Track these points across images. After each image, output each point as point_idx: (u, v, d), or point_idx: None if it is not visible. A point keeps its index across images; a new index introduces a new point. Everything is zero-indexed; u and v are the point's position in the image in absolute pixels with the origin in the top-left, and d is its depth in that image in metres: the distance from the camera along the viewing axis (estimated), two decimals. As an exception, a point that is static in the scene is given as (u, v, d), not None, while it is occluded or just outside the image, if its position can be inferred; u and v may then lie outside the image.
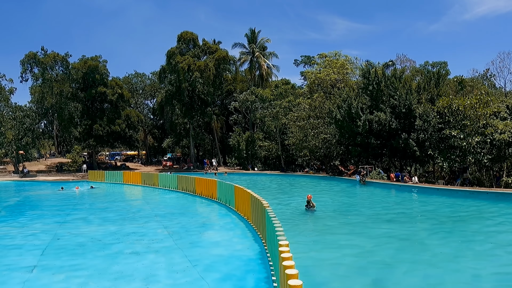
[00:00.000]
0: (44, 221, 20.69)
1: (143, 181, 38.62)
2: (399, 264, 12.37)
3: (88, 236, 16.46)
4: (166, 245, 14.42)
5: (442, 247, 14.20)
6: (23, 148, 56.10)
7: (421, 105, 38.66)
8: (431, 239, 15.60)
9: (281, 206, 24.35)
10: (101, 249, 14.22)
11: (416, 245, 14.76)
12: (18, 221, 21.31)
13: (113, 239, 15.73)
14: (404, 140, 37.79)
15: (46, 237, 16.74)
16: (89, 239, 15.97)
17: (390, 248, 14.22)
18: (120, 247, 14.46)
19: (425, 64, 74.17)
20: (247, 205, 17.14)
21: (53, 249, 14.70)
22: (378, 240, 15.22)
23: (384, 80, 41.93)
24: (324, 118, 47.63)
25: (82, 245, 15.08)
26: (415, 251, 13.78)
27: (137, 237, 15.88)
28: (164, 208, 24.73)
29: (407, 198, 29.15)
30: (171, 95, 63.36)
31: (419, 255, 13.27)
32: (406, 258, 12.90)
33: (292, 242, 8.91)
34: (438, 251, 13.71)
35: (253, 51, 72.43)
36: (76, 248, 14.59)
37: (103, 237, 16.14)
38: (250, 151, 62.14)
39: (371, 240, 15.16)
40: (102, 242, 15.40)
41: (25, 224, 20.22)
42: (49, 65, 56.57)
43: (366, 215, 20.72)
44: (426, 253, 13.40)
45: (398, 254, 13.44)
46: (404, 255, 13.27)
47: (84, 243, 15.37)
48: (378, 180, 37.09)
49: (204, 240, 15.21)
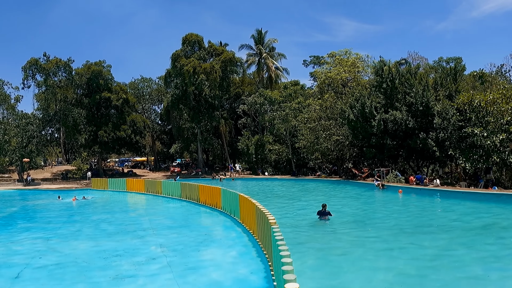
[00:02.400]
0: (31, 235, 18.83)
1: (146, 189, 36.67)
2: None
3: (73, 255, 14.52)
4: (157, 268, 12.35)
5: (489, 268, 11.86)
6: (28, 156, 54.77)
7: (439, 102, 36.35)
8: (471, 256, 13.26)
9: (291, 216, 22.30)
10: (83, 272, 12.24)
11: (456, 269, 12.24)
12: (4, 234, 19.43)
13: (100, 259, 13.73)
14: (423, 140, 35.47)
15: (28, 254, 14.94)
16: (73, 258, 14.03)
17: (424, 268, 11.99)
18: (104, 270, 12.45)
19: (439, 60, 71.75)
20: (252, 217, 15.03)
21: (31, 269, 12.94)
22: (407, 261, 12.84)
23: (399, 77, 39.65)
24: (336, 119, 45.47)
25: (63, 266, 13.20)
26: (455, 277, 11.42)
27: (126, 257, 13.83)
28: (163, 219, 22.63)
29: (431, 204, 26.67)
30: (177, 99, 61.60)
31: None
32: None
33: (302, 271, 6.77)
34: (485, 273, 11.43)
35: (260, 52, 70.41)
36: (56, 270, 12.74)
37: (89, 257, 14.17)
38: (260, 155, 60.14)
39: (398, 261, 12.84)
40: (87, 263, 13.42)
41: (10, 238, 18.43)
42: (51, 71, 55.00)
43: (388, 227, 18.40)
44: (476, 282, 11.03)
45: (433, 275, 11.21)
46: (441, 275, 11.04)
47: (66, 263, 13.44)
48: (396, 184, 34.74)
49: (202, 261, 13.03)
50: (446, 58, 74.42)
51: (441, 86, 38.71)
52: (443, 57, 74.15)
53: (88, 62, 61.53)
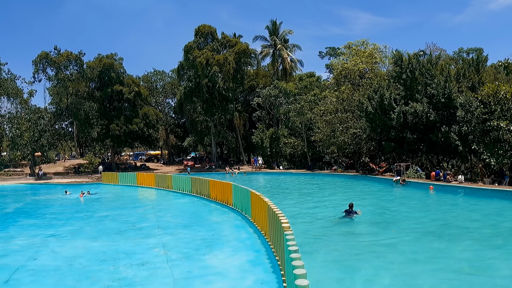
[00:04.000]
0: (32, 233, 17.87)
1: (156, 184, 35.52)
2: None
3: (70, 257, 13.47)
4: (157, 274, 11.15)
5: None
6: (40, 149, 54.20)
7: (462, 94, 34.58)
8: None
9: (306, 214, 20.92)
10: (77, 278, 11.14)
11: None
12: (4, 232, 18.54)
13: (97, 262, 12.62)
14: (445, 134, 33.74)
15: (24, 255, 14.01)
16: (69, 260, 12.97)
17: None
18: (99, 276, 11.31)
19: (459, 51, 69.59)
20: (264, 217, 13.72)
21: (23, 272, 12.00)
22: (436, 273, 11.44)
23: (419, 68, 37.89)
24: (353, 111, 43.86)
25: (58, 269, 12.22)
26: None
27: (125, 260, 12.66)
28: (170, 217, 21.38)
29: (456, 202, 25.05)
30: (190, 92, 60.45)
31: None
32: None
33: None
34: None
35: (275, 44, 68.85)
36: (50, 274, 11.74)
37: (87, 259, 13.07)
38: (275, 148, 58.78)
39: (428, 274, 11.43)
40: (82, 265, 12.34)
41: (9, 236, 17.48)
42: (62, 65, 54.10)
43: (413, 228, 16.89)
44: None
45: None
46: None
47: (62, 266, 12.40)
48: (416, 180, 33.12)
49: (207, 267, 11.74)
50: (466, 49, 72.34)
51: (464, 77, 36.86)
52: (463, 47, 72.12)
53: (100, 55, 60.65)
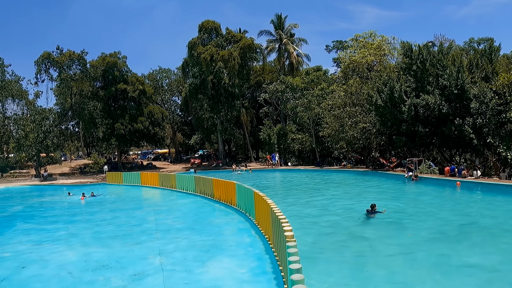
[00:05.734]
0: (24, 239, 17.03)
1: (160, 183, 34.55)
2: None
3: (60, 265, 12.65)
4: (148, 286, 10.16)
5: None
6: (45, 150, 53.58)
7: (476, 84, 33.21)
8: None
9: (315, 215, 19.79)
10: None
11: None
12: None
13: (86, 271, 11.70)
14: (458, 127, 32.38)
15: (12, 262, 13.26)
16: (58, 270, 12.10)
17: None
18: (88, 286, 10.35)
19: (469, 41, 67.84)
20: (268, 220, 12.63)
21: (7, 283, 11.25)
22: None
23: (430, 58, 36.54)
24: (362, 105, 42.56)
25: (46, 279, 11.39)
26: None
27: (117, 269, 11.69)
28: (171, 219, 20.35)
29: (474, 200, 23.69)
30: (196, 89, 59.44)
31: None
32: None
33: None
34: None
35: (280, 38, 67.45)
36: (35, 286, 10.96)
37: (76, 267, 12.25)
38: (283, 144, 57.61)
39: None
40: (72, 276, 11.48)
41: (1, 241, 16.77)
42: (65, 64, 53.30)
43: (432, 229, 15.62)
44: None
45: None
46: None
47: (49, 277, 11.56)
48: (430, 175, 31.82)
49: (204, 280, 10.66)
50: (477, 39, 70.53)
51: (476, 68, 35.48)
52: (474, 37, 70.30)
53: (103, 54, 59.77)
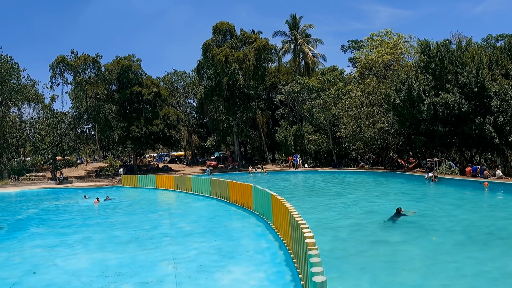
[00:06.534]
0: (36, 243, 16.83)
1: (176, 186, 34.24)
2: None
3: (71, 271, 12.30)
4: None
5: None
6: (60, 154, 53.83)
7: (496, 82, 32.34)
8: None
9: (335, 221, 19.09)
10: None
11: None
12: (10, 240, 17.69)
13: (98, 278, 11.39)
14: (479, 126, 31.54)
15: (23, 268, 12.99)
16: (69, 276, 11.81)
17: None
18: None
19: (487, 38, 66.53)
20: (286, 225, 12.15)
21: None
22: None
23: (449, 56, 35.72)
24: (380, 105, 41.81)
25: (56, 285, 11.13)
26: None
27: (129, 276, 11.34)
28: (186, 223, 19.90)
29: (498, 201, 22.84)
30: (211, 91, 59.13)
31: None
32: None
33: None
34: None
35: (295, 38, 66.78)
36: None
37: (87, 274, 11.92)
38: (299, 146, 56.99)
39: None
40: (81, 283, 11.12)
41: (13, 246, 16.58)
42: (80, 68, 53.51)
43: (460, 233, 15.02)
44: None
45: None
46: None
47: (60, 284, 11.24)
48: (450, 176, 31.01)
49: (219, 286, 10.27)
50: (495, 35, 69.15)
51: (496, 64, 34.60)
52: (492, 34, 68.95)
53: (118, 57, 59.87)
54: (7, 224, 23.09)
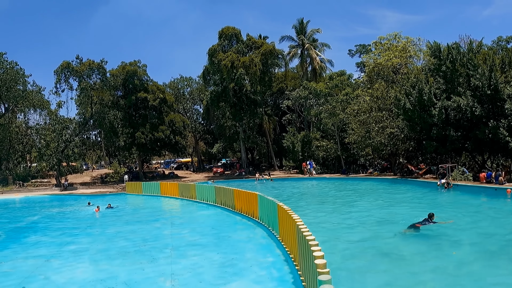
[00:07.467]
0: (32, 254, 16.16)
1: (180, 193, 33.43)
2: None
3: (63, 286, 11.61)
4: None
5: None
6: (65, 160, 53.35)
7: (510, 84, 31.31)
8: None
9: (345, 231, 18.10)
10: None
11: None
12: (5, 250, 17.04)
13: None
14: (493, 129, 30.49)
15: (14, 281, 12.24)
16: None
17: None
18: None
19: (498, 40, 65.22)
20: (293, 238, 11.26)
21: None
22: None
23: (460, 58, 34.71)
24: (389, 110, 40.82)
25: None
26: None
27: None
28: (188, 233, 19.04)
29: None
30: (217, 97, 58.40)
31: None
32: None
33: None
34: None
35: (302, 43, 65.96)
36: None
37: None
38: (307, 152, 56.01)
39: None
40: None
41: (9, 256, 15.91)
42: (85, 74, 53.00)
43: (475, 246, 14.01)
44: None
45: None
46: None
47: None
48: (463, 182, 29.95)
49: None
50: (506, 37, 67.84)
51: (509, 66, 33.59)
52: (502, 36, 67.64)
53: (123, 63, 59.41)
54: (5, 232, 22.55)
